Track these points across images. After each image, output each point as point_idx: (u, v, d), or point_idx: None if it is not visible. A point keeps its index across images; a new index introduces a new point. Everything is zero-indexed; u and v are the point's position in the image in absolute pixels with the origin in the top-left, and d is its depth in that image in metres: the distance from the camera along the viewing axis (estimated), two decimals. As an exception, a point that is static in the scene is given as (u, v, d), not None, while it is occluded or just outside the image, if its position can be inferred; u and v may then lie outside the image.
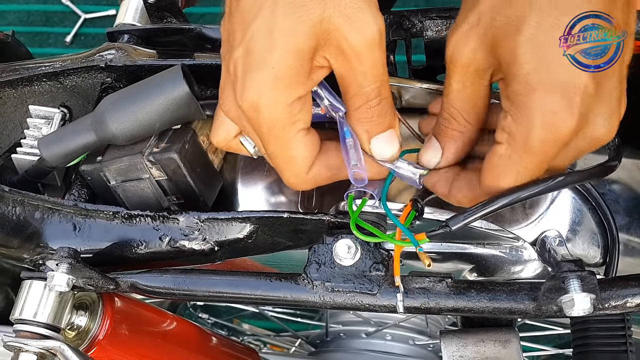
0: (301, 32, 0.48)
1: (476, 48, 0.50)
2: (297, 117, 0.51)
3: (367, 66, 0.50)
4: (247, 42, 0.49)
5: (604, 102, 0.48)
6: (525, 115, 0.48)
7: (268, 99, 0.49)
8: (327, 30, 0.48)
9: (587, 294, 0.50)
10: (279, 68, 0.48)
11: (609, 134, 0.49)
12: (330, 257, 0.56)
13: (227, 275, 0.60)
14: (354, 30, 0.48)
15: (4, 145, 0.71)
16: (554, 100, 0.47)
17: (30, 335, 0.61)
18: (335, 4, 0.48)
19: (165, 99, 0.60)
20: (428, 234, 0.53)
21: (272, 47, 0.48)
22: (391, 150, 0.55)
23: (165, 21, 0.79)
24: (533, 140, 0.48)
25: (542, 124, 0.47)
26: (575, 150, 0.50)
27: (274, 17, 0.48)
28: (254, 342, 1.56)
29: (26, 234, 0.63)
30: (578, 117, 0.47)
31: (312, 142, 0.53)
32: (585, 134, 0.49)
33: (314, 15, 0.47)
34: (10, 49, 0.79)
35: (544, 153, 0.48)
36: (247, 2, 0.49)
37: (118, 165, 0.61)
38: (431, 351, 1.28)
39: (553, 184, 0.51)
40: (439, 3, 0.87)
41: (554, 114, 0.47)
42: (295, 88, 0.50)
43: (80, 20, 2.29)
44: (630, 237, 0.67)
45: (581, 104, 0.47)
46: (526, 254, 0.66)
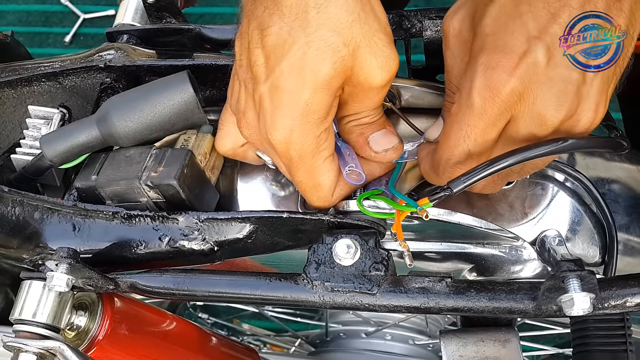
0: (332, 72, 0.49)
1: (463, 19, 0.53)
2: (324, 146, 0.54)
3: (374, 102, 0.54)
4: (275, 78, 0.50)
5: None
6: (472, 69, 0.50)
7: (299, 134, 0.52)
8: (352, 66, 0.50)
9: (586, 293, 0.50)
10: (310, 105, 0.50)
11: (593, 121, 0.50)
12: (330, 257, 0.57)
13: (227, 275, 0.60)
14: (376, 72, 0.50)
15: (3, 146, 0.71)
16: (497, 57, 0.49)
17: (30, 335, 0.61)
18: (364, 36, 0.49)
19: (171, 101, 0.60)
20: (430, 197, 0.53)
21: (304, 86, 0.50)
22: (390, 142, 0.57)
23: (165, 21, 0.79)
24: (474, 95, 0.50)
25: (482, 78, 0.49)
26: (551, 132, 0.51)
27: (305, 58, 0.49)
28: (254, 342, 1.56)
29: (25, 234, 0.63)
30: (518, 81, 0.48)
31: (335, 167, 0.56)
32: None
33: (344, 53, 0.49)
34: (10, 49, 0.79)
35: (484, 111, 0.49)
36: (274, 38, 0.50)
37: (114, 188, 0.61)
38: (431, 351, 1.28)
39: (559, 147, 0.50)
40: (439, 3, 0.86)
41: (493, 70, 0.48)
42: (324, 121, 0.52)
43: (79, 21, 2.29)
44: (629, 236, 0.67)
45: (525, 70, 0.48)
46: (526, 254, 0.66)
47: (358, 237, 0.57)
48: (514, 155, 0.50)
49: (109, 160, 0.63)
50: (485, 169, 0.51)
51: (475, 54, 0.50)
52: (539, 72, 0.48)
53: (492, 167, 0.51)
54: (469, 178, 0.52)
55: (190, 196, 0.61)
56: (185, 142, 0.64)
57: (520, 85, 0.48)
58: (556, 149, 0.50)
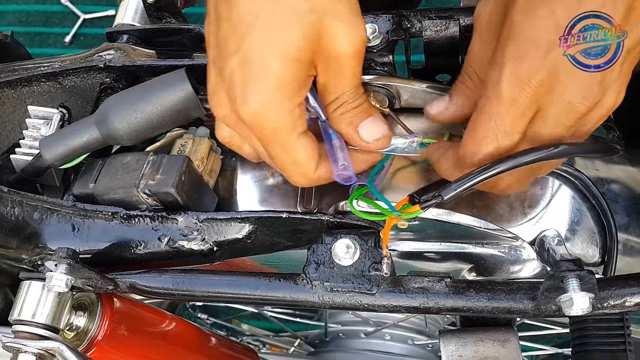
0: (301, 41, 0.48)
1: (492, 10, 0.53)
2: (298, 123, 0.52)
3: (349, 78, 0.52)
4: (244, 51, 0.49)
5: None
6: (500, 59, 0.50)
7: (272, 107, 0.50)
8: (320, 34, 0.49)
9: (585, 293, 0.50)
10: (282, 77, 0.49)
11: (614, 104, 0.50)
12: (329, 257, 0.57)
13: (226, 275, 0.60)
14: (345, 39, 0.49)
15: (3, 146, 0.71)
16: (526, 47, 0.48)
17: (29, 336, 0.61)
18: (329, 3, 0.48)
19: (172, 101, 0.60)
20: (421, 205, 0.53)
21: (273, 57, 0.48)
22: (380, 131, 0.56)
23: (165, 21, 0.78)
24: (503, 85, 0.49)
25: (511, 68, 0.49)
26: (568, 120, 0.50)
27: (272, 27, 0.48)
28: (253, 343, 1.56)
29: (25, 235, 0.63)
30: (547, 71, 0.48)
31: (313, 143, 0.55)
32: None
33: (311, 20, 0.48)
34: (10, 50, 0.79)
35: (513, 101, 0.49)
36: (241, 9, 0.49)
37: (112, 196, 0.61)
38: (430, 351, 1.28)
39: (552, 152, 0.50)
40: (439, 3, 0.87)
41: (522, 60, 0.48)
42: (296, 95, 0.51)
43: (79, 21, 2.29)
44: (629, 236, 0.67)
45: (554, 60, 0.48)
46: (525, 254, 0.66)
47: (357, 237, 0.57)
48: (506, 162, 0.50)
49: (105, 167, 0.63)
50: (477, 175, 0.51)
51: (504, 42, 0.50)
52: (567, 62, 0.48)
53: (484, 173, 0.51)
54: (460, 185, 0.51)
55: (189, 202, 0.61)
56: (182, 148, 0.64)
57: (549, 76, 0.48)
58: (548, 154, 0.50)
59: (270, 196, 0.67)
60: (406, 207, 0.55)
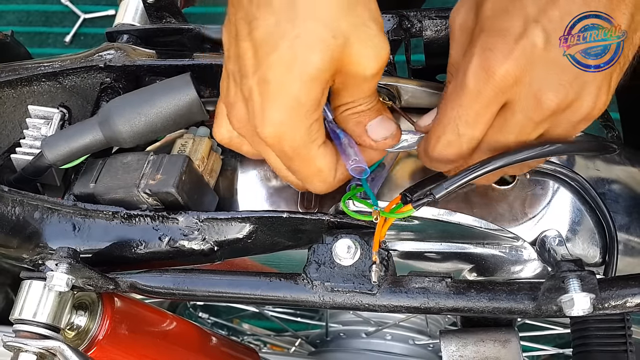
0: (321, 65, 0.48)
1: (468, 10, 0.53)
2: (316, 136, 0.53)
3: (366, 91, 0.53)
4: (264, 72, 0.49)
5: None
6: (470, 52, 0.50)
7: (291, 127, 0.51)
8: (342, 58, 0.49)
9: (586, 293, 0.50)
10: (300, 98, 0.49)
11: (592, 110, 0.50)
12: (330, 257, 0.56)
13: (227, 275, 0.60)
14: (367, 61, 0.50)
15: (3, 146, 0.71)
16: (494, 39, 0.49)
17: (30, 335, 0.61)
18: (353, 27, 0.48)
19: (176, 106, 0.60)
20: (414, 204, 0.53)
21: (293, 79, 0.49)
22: (389, 129, 0.56)
23: (165, 21, 0.78)
24: (469, 76, 0.50)
25: (478, 60, 0.49)
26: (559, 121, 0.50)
27: (294, 51, 0.48)
28: (254, 342, 1.56)
29: (25, 234, 0.63)
30: (514, 63, 0.48)
31: (331, 150, 0.55)
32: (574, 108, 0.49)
33: (333, 45, 0.48)
34: (10, 49, 0.79)
35: (478, 92, 0.49)
36: (262, 32, 0.49)
37: (113, 196, 0.61)
38: (431, 351, 1.28)
39: (544, 150, 0.50)
40: (439, 3, 0.87)
41: (490, 51, 0.48)
42: (314, 111, 0.51)
43: (79, 20, 2.28)
44: (629, 236, 0.67)
45: (521, 52, 0.48)
46: (526, 254, 0.66)
47: (358, 237, 0.57)
48: (499, 159, 0.50)
49: (106, 167, 0.63)
50: (468, 173, 0.51)
51: (475, 37, 0.50)
52: (536, 55, 0.48)
53: (477, 171, 0.51)
54: (452, 183, 0.52)
55: (189, 202, 0.61)
56: (182, 147, 0.64)
57: (516, 68, 0.48)
58: (541, 152, 0.50)
59: (270, 196, 0.67)
60: (398, 207, 0.55)
